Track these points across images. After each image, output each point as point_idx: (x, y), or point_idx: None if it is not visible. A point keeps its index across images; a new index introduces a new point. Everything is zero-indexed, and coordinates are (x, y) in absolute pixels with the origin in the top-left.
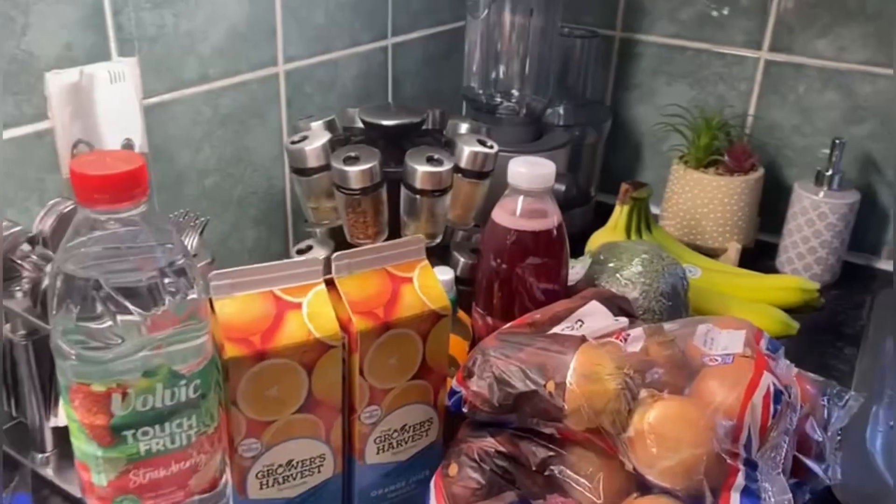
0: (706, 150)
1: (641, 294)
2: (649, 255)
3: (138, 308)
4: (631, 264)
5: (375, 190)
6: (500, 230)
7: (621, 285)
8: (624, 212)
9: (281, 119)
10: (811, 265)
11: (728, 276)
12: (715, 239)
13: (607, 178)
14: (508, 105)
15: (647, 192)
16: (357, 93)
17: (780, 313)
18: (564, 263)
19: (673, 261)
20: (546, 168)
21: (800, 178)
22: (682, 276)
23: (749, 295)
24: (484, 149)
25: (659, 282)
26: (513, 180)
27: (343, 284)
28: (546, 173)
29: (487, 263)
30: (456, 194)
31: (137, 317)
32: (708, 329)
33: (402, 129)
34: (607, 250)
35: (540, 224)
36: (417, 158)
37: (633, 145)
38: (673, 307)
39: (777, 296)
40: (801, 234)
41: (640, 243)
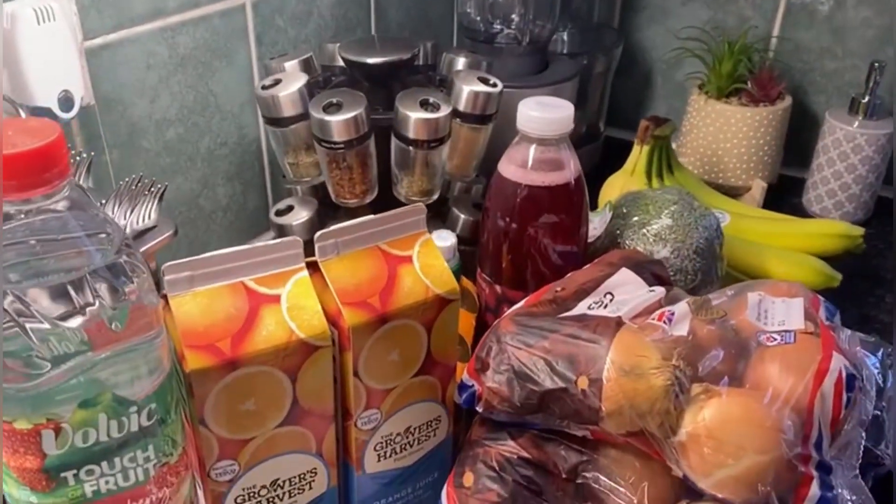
0: (729, 77)
1: (673, 252)
2: (679, 207)
3: (63, 321)
4: (659, 218)
5: (362, 142)
6: (508, 185)
7: (649, 243)
8: (644, 153)
9: (251, 58)
10: (842, 203)
11: (760, 222)
12: (738, 177)
13: (616, 110)
14: (509, 32)
15: (671, 129)
16: (336, 24)
17: (821, 264)
18: (585, 220)
19: (705, 210)
20: (563, 111)
21: (829, 105)
22: (717, 227)
23: (785, 243)
24: (486, 87)
25: (692, 237)
26: (523, 126)
27: (330, 269)
28: (563, 117)
29: (494, 223)
30: (454, 142)
31: (64, 332)
32: (760, 298)
33: (390, 68)
34: (630, 202)
35: (556, 177)
36: (409, 103)
37: (643, 73)
38: (707, 265)
39: (816, 243)
40: (832, 168)
41: (667, 191)
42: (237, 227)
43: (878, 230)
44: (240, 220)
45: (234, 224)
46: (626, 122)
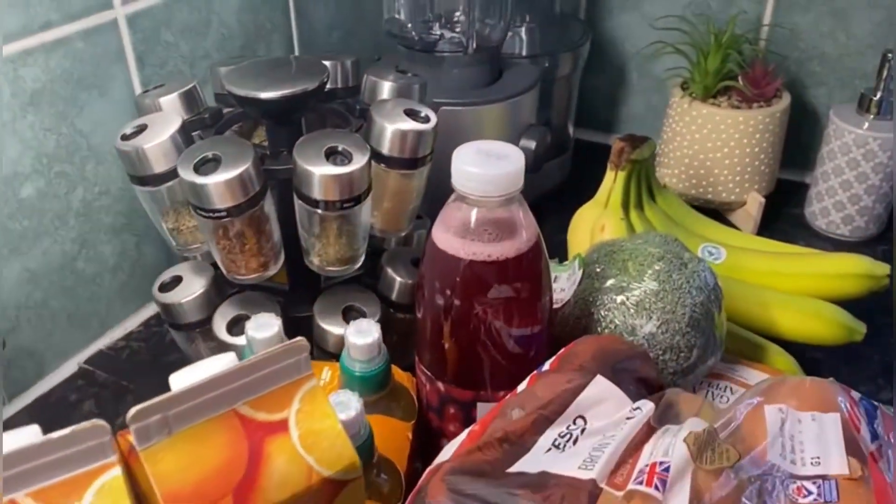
0: (716, 74)
1: (660, 327)
2: (666, 264)
3: None
4: (641, 281)
5: (253, 205)
6: (445, 258)
7: (629, 315)
8: (619, 180)
9: (131, 85)
10: (852, 217)
11: (763, 258)
12: (731, 191)
13: (586, 109)
14: (452, 37)
15: (650, 151)
16: (245, 32)
17: (840, 315)
18: (546, 290)
19: (698, 263)
20: (511, 163)
21: (832, 99)
22: (714, 285)
23: (794, 285)
24: (415, 125)
25: (684, 304)
26: (460, 186)
27: (155, 461)
28: (511, 172)
29: (431, 301)
30: (380, 192)
31: None
32: (783, 417)
33: (292, 102)
34: (605, 257)
35: (505, 248)
36: (311, 154)
37: (616, 67)
38: (704, 337)
39: (832, 285)
40: (840, 178)
41: (649, 240)
42: (133, 288)
43: None
44: (135, 279)
45: (129, 284)
46: (598, 123)
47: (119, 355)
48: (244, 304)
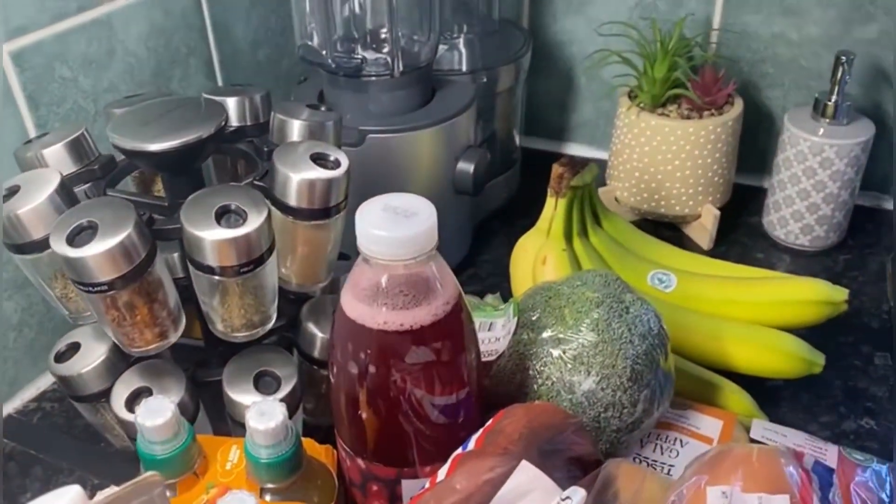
0: (664, 83)
1: (600, 382)
2: (605, 310)
3: None
4: (578, 331)
5: (138, 276)
6: (354, 327)
7: (566, 370)
8: (560, 207)
9: (24, 127)
10: (811, 226)
11: (716, 284)
12: (684, 203)
13: (534, 115)
14: (378, 58)
15: (591, 175)
16: (157, 58)
17: (799, 347)
18: (470, 348)
19: (641, 306)
20: (422, 220)
21: (788, 101)
22: (658, 329)
23: (749, 315)
24: (324, 172)
25: (625, 356)
26: (367, 249)
27: None
28: (423, 231)
29: (344, 369)
30: (290, 244)
31: None
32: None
33: (185, 153)
34: (540, 304)
35: (420, 315)
36: (199, 215)
37: (563, 73)
38: (648, 390)
39: (789, 313)
40: (797, 187)
41: (588, 282)
42: (43, 345)
43: (855, 256)
44: (45, 336)
45: (38, 341)
46: (548, 131)
47: (30, 419)
48: (147, 373)
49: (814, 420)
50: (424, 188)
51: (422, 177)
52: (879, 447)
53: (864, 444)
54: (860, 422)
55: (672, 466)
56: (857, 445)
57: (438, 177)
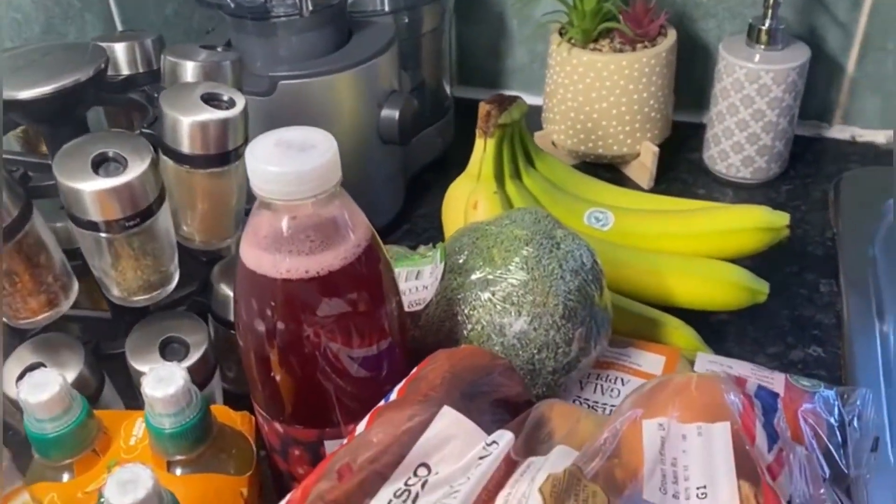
0: (594, 16)
1: (532, 322)
2: (534, 248)
3: None
4: (507, 270)
5: (11, 237)
6: (257, 279)
7: (496, 312)
8: (490, 148)
9: None
10: (752, 158)
11: (654, 218)
12: (622, 142)
13: (465, 63)
14: None
15: (520, 112)
16: (45, 14)
17: (741, 276)
18: (389, 295)
19: (572, 241)
20: (320, 153)
21: (722, 31)
22: (591, 264)
23: (689, 247)
24: (217, 113)
25: (557, 293)
26: (261, 190)
27: None
28: (321, 165)
29: (251, 327)
30: (189, 197)
31: None
32: (662, 435)
33: (61, 101)
34: (468, 246)
35: (328, 258)
36: (75, 165)
37: (493, 15)
38: (584, 326)
39: (730, 243)
40: (735, 117)
41: (518, 220)
42: None
43: (797, 186)
44: None
45: None
46: (482, 79)
47: None
48: (41, 347)
49: (761, 351)
50: (347, 138)
51: (343, 126)
52: (828, 374)
53: (813, 371)
54: (808, 350)
55: (614, 406)
56: (805, 374)
57: (362, 125)
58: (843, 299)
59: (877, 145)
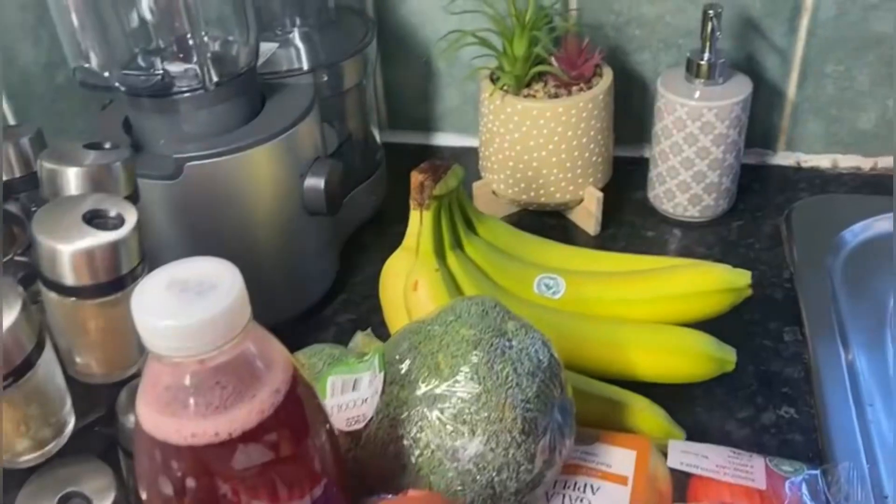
0: (526, 61)
1: (487, 443)
2: (484, 350)
3: None
4: (456, 381)
5: None
6: (157, 445)
7: (447, 435)
8: (426, 220)
9: None
10: (699, 196)
11: (608, 282)
12: (564, 189)
13: (395, 109)
14: (185, 69)
15: (456, 180)
16: None
17: (707, 346)
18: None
19: (526, 334)
20: (222, 295)
21: (659, 62)
22: (549, 360)
23: (648, 312)
24: (104, 236)
25: (513, 404)
26: (153, 346)
27: None
28: (225, 311)
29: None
30: (79, 330)
31: None
32: None
33: None
34: (410, 351)
35: (241, 414)
36: None
37: (419, 62)
38: (547, 435)
39: (691, 307)
40: (679, 156)
41: (463, 314)
42: None
43: (747, 220)
44: None
45: None
46: (412, 123)
47: None
48: None
49: (731, 417)
50: (267, 217)
51: (262, 204)
52: (803, 439)
53: (787, 437)
54: (779, 412)
55: None
56: (780, 441)
57: (283, 200)
58: (808, 347)
59: (822, 170)
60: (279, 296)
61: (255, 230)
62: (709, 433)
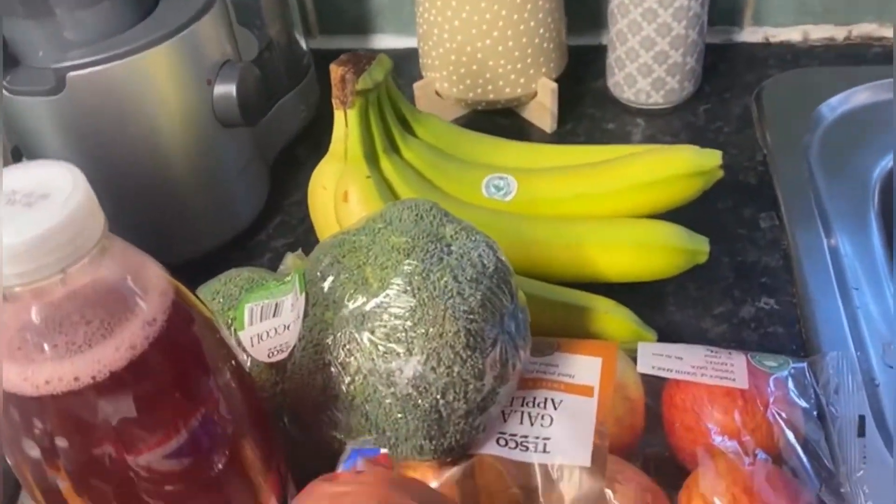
0: None
1: (427, 362)
2: (418, 258)
3: None
4: (387, 296)
5: None
6: (11, 400)
7: (380, 355)
8: (352, 120)
9: None
10: (663, 80)
11: (564, 178)
12: (514, 83)
13: (324, 9)
14: None
15: (383, 71)
16: None
17: (676, 236)
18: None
19: (467, 237)
20: (59, 204)
21: None
22: (495, 265)
23: (610, 207)
24: None
25: (455, 315)
26: None
27: None
28: (63, 224)
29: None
30: None
31: None
32: None
33: None
34: (334, 265)
35: (106, 354)
36: None
37: None
38: (497, 347)
39: (657, 197)
40: (638, 35)
41: (394, 219)
42: None
43: (716, 104)
44: None
45: None
46: (344, 24)
47: None
48: None
49: (706, 314)
50: (173, 130)
51: (166, 118)
52: (785, 331)
53: (768, 331)
54: (758, 304)
55: (547, 440)
56: (760, 335)
57: (191, 111)
58: (787, 233)
59: (792, 44)
60: (203, 221)
61: (163, 147)
62: (682, 334)
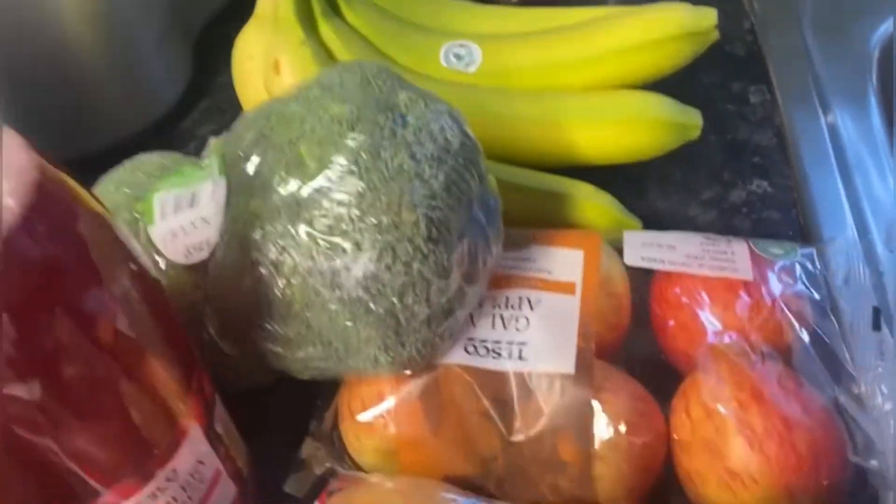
0: None
1: (380, 258)
2: (367, 130)
3: None
4: (328, 179)
5: None
6: None
7: (321, 252)
8: None
9: None
10: None
11: (535, 45)
12: None
13: None
14: None
15: None
16: None
17: (666, 108)
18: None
19: (426, 106)
20: None
21: None
22: (461, 140)
23: (589, 77)
24: None
25: (413, 202)
26: None
27: None
28: None
29: None
30: None
31: None
32: None
33: None
34: (259, 141)
35: None
36: None
37: None
38: (465, 240)
39: (643, 63)
40: None
41: (332, 85)
42: None
43: None
44: None
45: None
46: None
47: None
48: None
49: (693, 200)
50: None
51: None
52: (781, 216)
53: (763, 215)
54: (751, 187)
55: (523, 345)
56: (753, 221)
57: None
58: (780, 109)
59: None
60: (113, 103)
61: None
62: (667, 222)
